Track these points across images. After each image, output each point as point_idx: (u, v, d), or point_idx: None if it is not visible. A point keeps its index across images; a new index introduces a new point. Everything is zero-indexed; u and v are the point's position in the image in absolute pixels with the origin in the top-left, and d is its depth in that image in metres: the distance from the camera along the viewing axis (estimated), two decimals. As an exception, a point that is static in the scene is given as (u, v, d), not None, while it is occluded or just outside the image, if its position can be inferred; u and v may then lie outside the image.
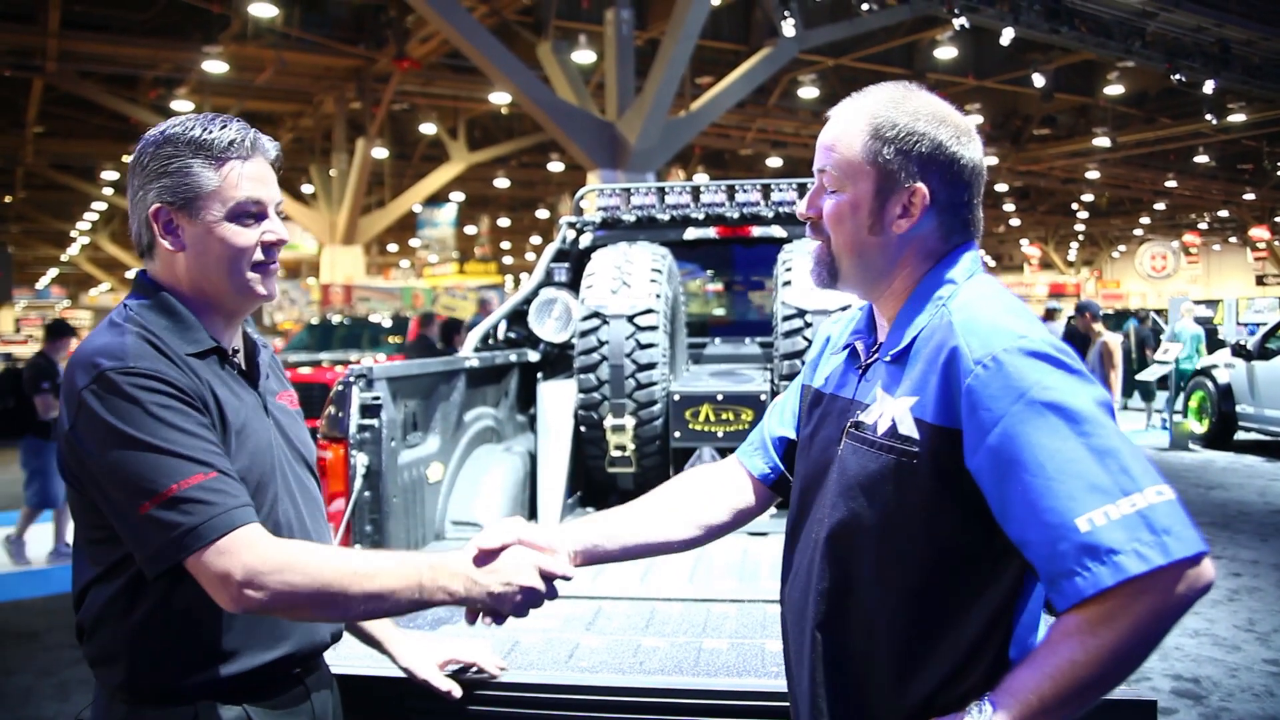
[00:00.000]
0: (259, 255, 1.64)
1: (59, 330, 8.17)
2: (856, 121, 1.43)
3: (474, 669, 2.18)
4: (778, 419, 1.77)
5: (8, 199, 36.34)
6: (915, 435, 1.32)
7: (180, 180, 1.59)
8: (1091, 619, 1.17)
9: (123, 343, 1.53)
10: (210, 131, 1.61)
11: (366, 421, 3.07)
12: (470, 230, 40.42)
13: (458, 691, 2.08)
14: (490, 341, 4.88)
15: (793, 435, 1.71)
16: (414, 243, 39.68)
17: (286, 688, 1.68)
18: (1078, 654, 1.17)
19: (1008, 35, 17.44)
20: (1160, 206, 42.47)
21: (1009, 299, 1.38)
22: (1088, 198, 40.87)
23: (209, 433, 1.52)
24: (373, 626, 2.04)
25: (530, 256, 50.86)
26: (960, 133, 1.42)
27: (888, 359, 1.42)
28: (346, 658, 2.46)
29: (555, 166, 31.03)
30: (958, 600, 1.34)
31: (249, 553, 1.45)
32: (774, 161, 30.82)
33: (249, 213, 1.62)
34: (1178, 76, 19.39)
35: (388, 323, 15.81)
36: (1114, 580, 1.15)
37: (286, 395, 1.82)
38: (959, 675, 1.33)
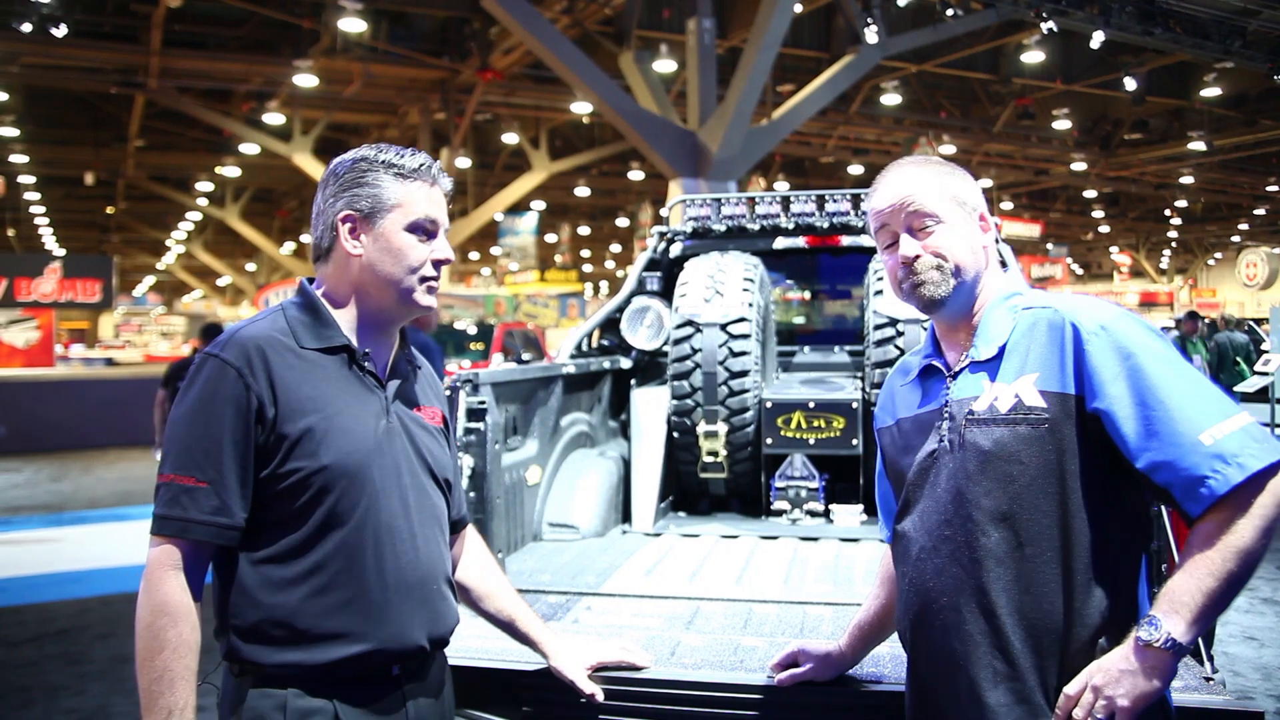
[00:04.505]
0: (428, 269, 1.79)
1: (211, 332, 8.77)
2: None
3: (624, 667, 2.26)
4: (880, 489, 2.00)
5: (110, 210, 37.87)
6: (1042, 404, 1.61)
7: (370, 191, 1.76)
8: (1229, 515, 1.46)
9: (237, 332, 1.71)
10: (401, 156, 1.79)
11: (472, 425, 3.16)
12: (551, 238, 40.84)
13: (600, 695, 2.15)
14: (584, 349, 4.98)
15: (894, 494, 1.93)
16: (495, 251, 40.23)
17: (382, 691, 1.70)
18: (1226, 549, 1.45)
19: (1098, 39, 17.05)
20: (1260, 212, 40.98)
21: None
22: (1181, 204, 39.62)
23: (233, 444, 1.63)
24: (525, 625, 2.14)
25: (610, 264, 51.13)
26: None
27: (982, 359, 1.71)
28: (460, 650, 2.56)
29: (636, 175, 31.21)
30: (1098, 539, 1.58)
31: (161, 565, 1.61)
32: (855, 169, 30.47)
33: (424, 229, 1.79)
34: (1280, 77, 18.78)
35: (472, 330, 16.08)
36: (1241, 477, 1.44)
37: (429, 411, 1.91)
38: (1115, 608, 1.58)
